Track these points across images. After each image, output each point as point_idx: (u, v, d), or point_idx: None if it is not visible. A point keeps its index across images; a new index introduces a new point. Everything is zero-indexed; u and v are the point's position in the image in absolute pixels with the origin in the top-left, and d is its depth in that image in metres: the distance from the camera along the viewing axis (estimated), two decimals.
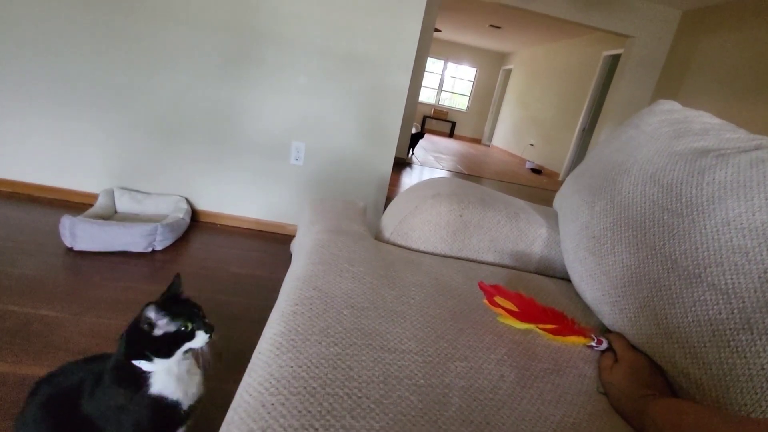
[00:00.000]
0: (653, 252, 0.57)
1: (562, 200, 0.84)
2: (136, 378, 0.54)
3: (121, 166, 1.85)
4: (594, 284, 0.65)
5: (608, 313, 0.61)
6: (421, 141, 5.58)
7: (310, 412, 0.38)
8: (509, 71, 8.91)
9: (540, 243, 0.81)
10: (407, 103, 2.23)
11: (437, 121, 9.44)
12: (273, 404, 0.39)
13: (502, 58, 9.40)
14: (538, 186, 5.28)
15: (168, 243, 1.59)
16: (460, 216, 0.77)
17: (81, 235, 1.41)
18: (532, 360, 0.53)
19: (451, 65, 9.58)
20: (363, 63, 1.79)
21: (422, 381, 0.45)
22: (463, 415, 0.41)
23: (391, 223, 0.81)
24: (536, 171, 6.43)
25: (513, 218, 0.80)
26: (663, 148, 0.66)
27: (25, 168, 1.82)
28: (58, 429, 0.55)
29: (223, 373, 0.95)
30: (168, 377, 0.56)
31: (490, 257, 0.80)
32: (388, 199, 2.13)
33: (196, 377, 0.62)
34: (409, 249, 0.78)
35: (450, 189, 0.83)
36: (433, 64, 9.33)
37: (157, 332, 0.53)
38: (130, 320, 0.56)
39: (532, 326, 0.56)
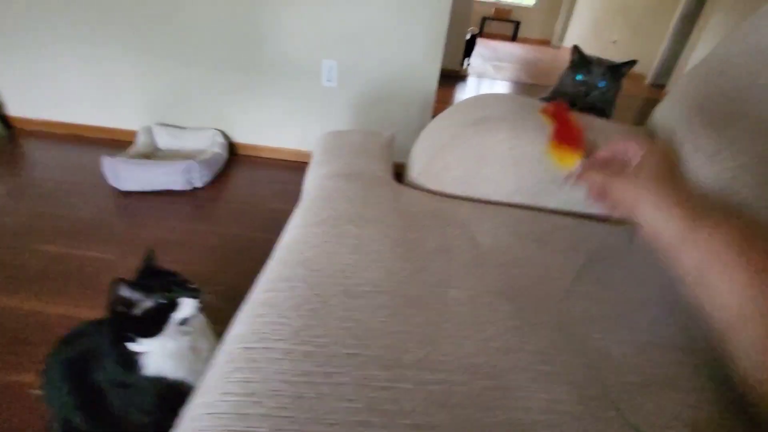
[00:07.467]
0: None
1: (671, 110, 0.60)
2: (131, 359, 0.50)
3: (156, 102, 1.79)
4: None
5: None
6: (477, 48, 4.85)
7: None
8: None
9: None
10: (458, 2, 1.83)
11: (498, 23, 8.21)
12: None
13: None
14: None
15: (207, 179, 1.56)
16: (511, 150, 0.58)
17: (124, 175, 1.42)
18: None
19: None
20: None
21: None
22: None
23: (419, 160, 0.65)
24: None
25: None
26: None
27: (68, 108, 1.84)
28: (77, 392, 0.54)
29: None
30: (163, 357, 0.51)
31: (551, 202, 0.61)
32: None
33: (204, 352, 0.56)
34: (442, 195, 0.62)
35: (502, 110, 0.63)
36: None
37: (137, 312, 0.47)
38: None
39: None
